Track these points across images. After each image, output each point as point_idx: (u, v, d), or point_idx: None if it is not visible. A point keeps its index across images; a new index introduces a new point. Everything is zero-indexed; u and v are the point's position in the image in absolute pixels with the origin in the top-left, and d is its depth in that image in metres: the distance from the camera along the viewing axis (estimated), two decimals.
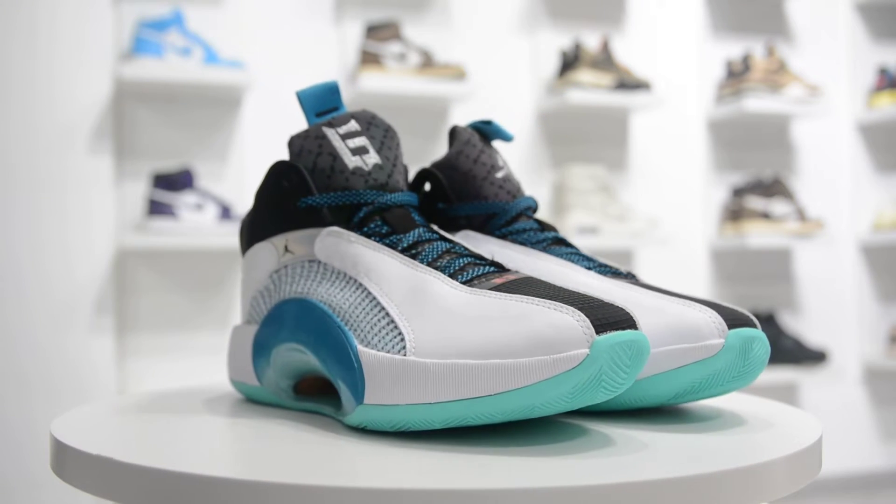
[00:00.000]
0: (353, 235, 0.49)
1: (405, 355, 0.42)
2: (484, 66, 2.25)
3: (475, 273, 0.46)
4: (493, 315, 0.41)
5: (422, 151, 2.19)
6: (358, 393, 0.44)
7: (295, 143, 0.52)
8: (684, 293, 0.53)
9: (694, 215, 2.46)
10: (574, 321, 0.40)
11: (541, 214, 2.31)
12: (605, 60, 2.23)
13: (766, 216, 2.36)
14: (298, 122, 2.03)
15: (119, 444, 0.44)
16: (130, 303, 1.95)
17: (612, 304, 0.42)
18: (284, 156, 2.03)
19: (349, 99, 2.11)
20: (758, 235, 2.32)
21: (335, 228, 0.50)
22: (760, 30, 2.57)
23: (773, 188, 2.39)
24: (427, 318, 0.43)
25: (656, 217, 2.31)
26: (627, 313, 0.41)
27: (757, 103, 2.33)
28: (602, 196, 2.21)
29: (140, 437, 0.46)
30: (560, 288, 0.44)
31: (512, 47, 2.32)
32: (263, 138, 2.05)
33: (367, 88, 2.01)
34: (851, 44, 2.67)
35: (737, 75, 2.40)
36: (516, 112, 2.31)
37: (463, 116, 2.24)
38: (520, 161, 2.30)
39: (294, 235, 0.52)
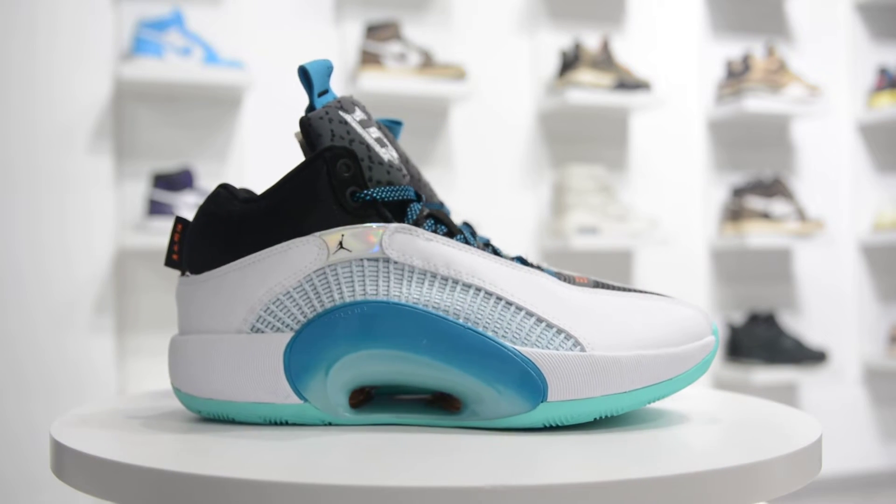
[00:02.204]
0: (427, 234, 0.47)
1: (584, 351, 0.46)
2: (484, 66, 2.25)
3: (553, 272, 0.51)
4: (639, 310, 0.48)
5: (422, 151, 2.19)
6: (538, 392, 0.45)
7: (318, 125, 0.48)
8: (633, 287, 0.53)
9: (694, 215, 2.46)
10: (697, 313, 0.48)
11: (541, 214, 2.31)
12: (605, 60, 2.23)
13: (766, 216, 2.36)
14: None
15: (118, 445, 0.44)
16: (130, 303, 1.95)
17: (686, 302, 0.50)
18: (286, 156, 2.02)
19: None
20: (758, 235, 2.32)
21: (403, 225, 0.47)
22: (760, 30, 2.57)
23: (773, 188, 2.39)
24: (581, 316, 0.47)
25: (656, 217, 2.31)
26: (701, 308, 0.50)
27: (757, 103, 2.33)
28: (602, 196, 2.21)
29: (139, 437, 0.46)
30: (628, 286, 0.51)
31: (512, 47, 2.32)
32: (263, 138, 2.05)
33: (367, 88, 2.01)
34: (851, 44, 2.67)
35: (737, 75, 2.40)
36: (516, 112, 2.31)
37: (463, 116, 2.24)
38: (520, 161, 2.30)
39: (351, 231, 0.47)
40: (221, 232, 0.48)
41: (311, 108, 0.49)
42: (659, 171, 2.43)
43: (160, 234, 1.83)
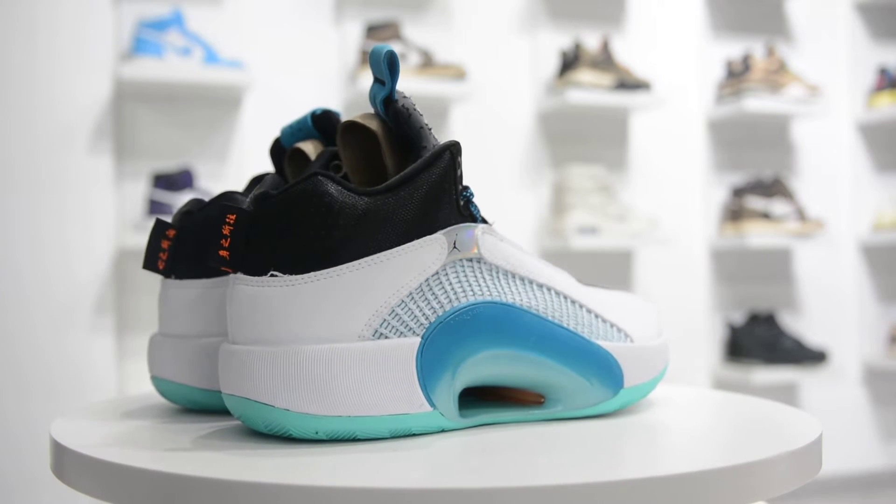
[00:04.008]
0: (500, 234, 0.48)
1: (633, 342, 0.51)
2: (484, 66, 2.25)
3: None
4: (637, 305, 0.54)
5: None
6: (618, 381, 0.50)
7: (403, 109, 0.46)
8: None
9: (694, 215, 2.46)
10: (655, 308, 0.56)
11: (541, 214, 2.31)
12: (605, 60, 2.23)
13: (766, 216, 2.36)
14: None
15: (118, 446, 0.44)
16: (130, 303, 1.95)
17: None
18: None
19: (349, 99, 2.11)
20: (758, 235, 2.32)
21: (487, 226, 0.47)
22: (760, 30, 2.57)
23: (773, 188, 2.39)
24: (619, 312, 0.52)
25: (656, 217, 2.31)
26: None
27: (757, 103, 2.33)
28: (602, 196, 2.21)
29: (139, 438, 0.46)
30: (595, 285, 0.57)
31: (512, 47, 2.32)
32: (263, 138, 2.05)
33: (367, 88, 2.01)
34: (851, 44, 2.67)
35: (737, 75, 2.40)
36: (516, 112, 2.31)
37: (463, 116, 2.24)
38: (520, 161, 2.30)
39: (463, 230, 0.46)
40: (332, 225, 0.42)
41: (390, 95, 0.46)
42: (659, 171, 2.43)
43: None
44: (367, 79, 2.01)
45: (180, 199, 1.85)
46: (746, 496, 0.39)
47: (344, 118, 0.52)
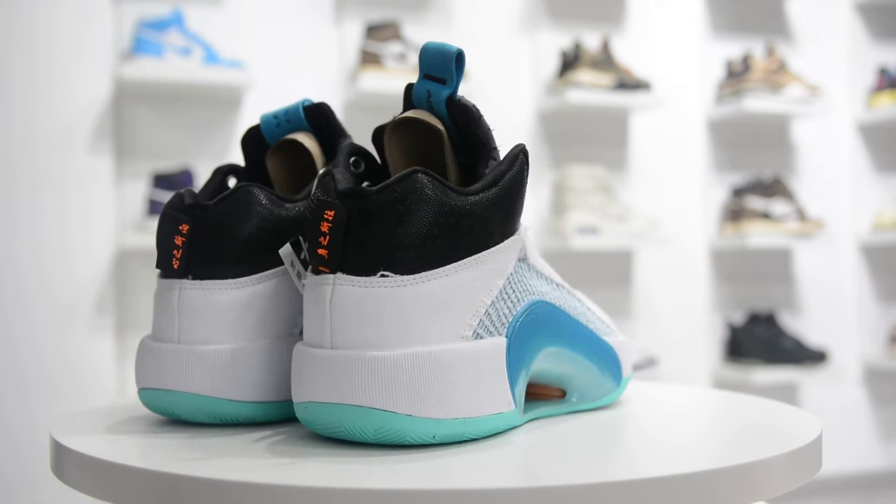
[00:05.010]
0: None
1: (618, 338, 0.55)
2: (484, 66, 2.25)
3: None
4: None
5: None
6: (619, 372, 0.54)
7: (475, 109, 0.45)
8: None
9: (694, 215, 2.46)
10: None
11: (541, 214, 2.31)
12: (605, 60, 2.23)
13: (766, 216, 2.36)
14: None
15: (118, 446, 0.44)
16: (130, 303, 1.95)
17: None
18: None
19: (349, 99, 2.11)
20: (758, 235, 2.32)
21: (525, 226, 0.47)
22: (760, 30, 2.57)
23: (773, 188, 2.39)
24: (598, 308, 0.56)
25: (656, 217, 2.31)
26: None
27: (757, 103, 2.33)
28: (602, 196, 2.21)
29: (139, 438, 0.46)
30: None
31: (512, 47, 2.32)
32: None
33: (367, 88, 2.01)
34: (851, 44, 2.67)
35: (737, 75, 2.40)
36: (516, 112, 2.31)
37: None
38: None
39: (525, 230, 0.47)
40: (441, 224, 0.41)
41: (454, 93, 0.45)
42: (659, 171, 2.43)
43: None
44: (367, 79, 2.01)
45: None
46: (746, 496, 0.39)
47: (344, 118, 0.52)
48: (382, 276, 0.40)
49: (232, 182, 0.54)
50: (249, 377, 0.47)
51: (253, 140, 0.54)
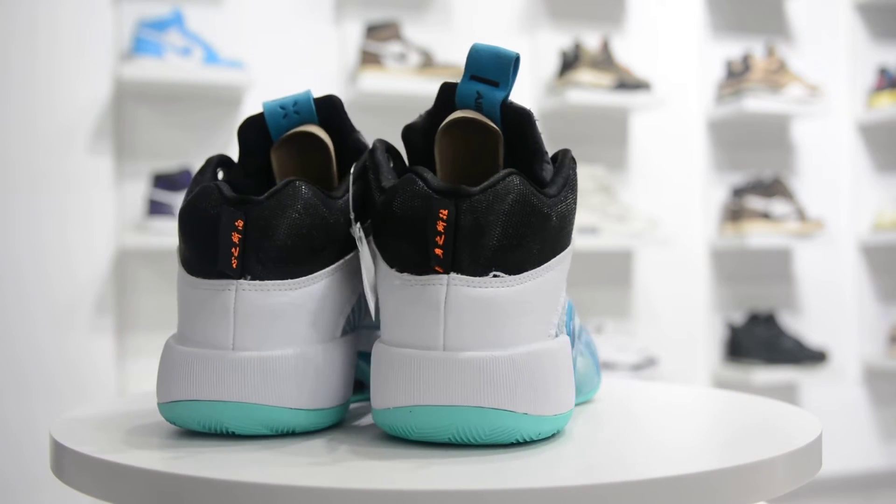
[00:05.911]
0: None
1: (589, 336, 0.60)
2: None
3: None
4: None
5: None
6: (599, 369, 0.59)
7: (530, 113, 0.45)
8: None
9: (694, 215, 2.46)
10: None
11: None
12: (605, 60, 2.23)
13: (766, 216, 2.36)
14: None
15: (118, 446, 0.44)
16: (130, 303, 1.95)
17: None
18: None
19: (349, 99, 2.11)
20: (758, 235, 2.32)
21: None
22: (760, 30, 2.57)
23: (773, 188, 2.39)
24: None
25: (656, 217, 2.31)
26: None
27: (757, 103, 2.33)
28: (602, 196, 2.21)
29: (139, 438, 0.46)
30: None
31: (512, 47, 2.31)
32: None
33: (367, 88, 2.01)
34: (851, 44, 2.67)
35: (737, 75, 2.40)
36: None
37: None
38: None
39: None
40: (538, 225, 0.42)
41: (507, 97, 0.45)
42: (659, 171, 2.43)
43: (160, 234, 1.83)
44: (367, 79, 2.00)
45: (180, 200, 1.85)
46: (747, 496, 0.39)
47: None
48: (495, 276, 0.40)
49: (221, 175, 0.51)
50: (307, 384, 0.45)
51: (253, 129, 0.51)
